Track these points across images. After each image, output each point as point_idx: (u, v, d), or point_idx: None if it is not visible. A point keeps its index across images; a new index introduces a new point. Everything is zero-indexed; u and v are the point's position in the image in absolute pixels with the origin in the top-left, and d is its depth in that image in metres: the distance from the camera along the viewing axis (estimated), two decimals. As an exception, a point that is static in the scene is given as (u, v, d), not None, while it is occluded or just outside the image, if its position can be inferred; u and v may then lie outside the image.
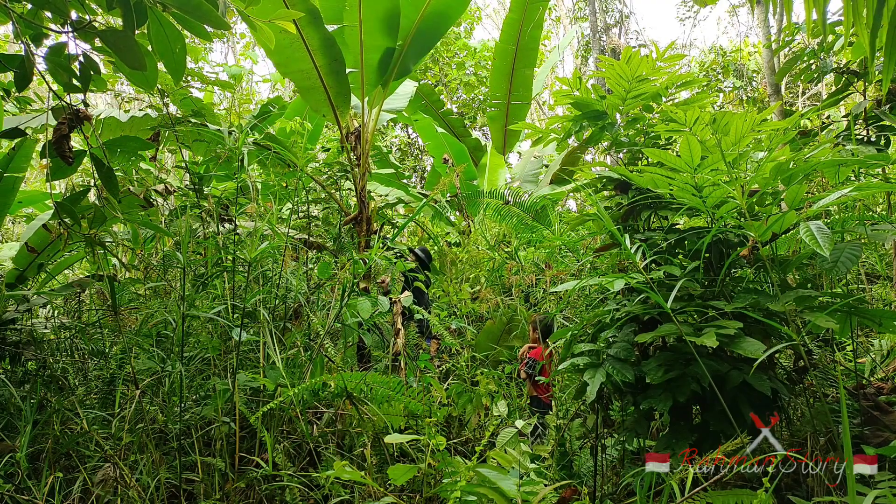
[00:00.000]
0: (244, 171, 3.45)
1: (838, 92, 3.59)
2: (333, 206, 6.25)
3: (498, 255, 6.10)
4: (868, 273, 4.05)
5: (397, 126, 16.25)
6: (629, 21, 14.96)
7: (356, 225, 5.53)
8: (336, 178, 6.10)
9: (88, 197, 2.49)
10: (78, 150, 2.22)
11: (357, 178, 5.57)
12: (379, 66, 5.72)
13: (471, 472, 1.72)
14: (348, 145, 5.58)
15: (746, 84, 13.23)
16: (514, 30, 8.55)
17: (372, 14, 5.29)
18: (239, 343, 2.78)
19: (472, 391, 3.19)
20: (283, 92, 15.47)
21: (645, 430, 2.51)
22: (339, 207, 5.91)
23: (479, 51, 14.14)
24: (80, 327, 3.50)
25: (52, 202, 2.42)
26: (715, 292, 2.30)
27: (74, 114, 2.08)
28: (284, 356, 3.09)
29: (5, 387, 2.79)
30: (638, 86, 2.69)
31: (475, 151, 9.90)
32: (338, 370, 3.23)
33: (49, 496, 2.31)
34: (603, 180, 2.86)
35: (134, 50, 1.87)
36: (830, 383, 2.60)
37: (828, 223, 2.26)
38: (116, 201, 2.30)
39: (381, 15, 5.31)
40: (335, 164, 6.04)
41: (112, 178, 2.23)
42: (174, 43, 1.99)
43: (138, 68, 1.92)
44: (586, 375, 2.31)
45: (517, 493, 1.68)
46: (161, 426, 2.75)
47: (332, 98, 5.59)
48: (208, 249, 3.48)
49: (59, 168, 2.22)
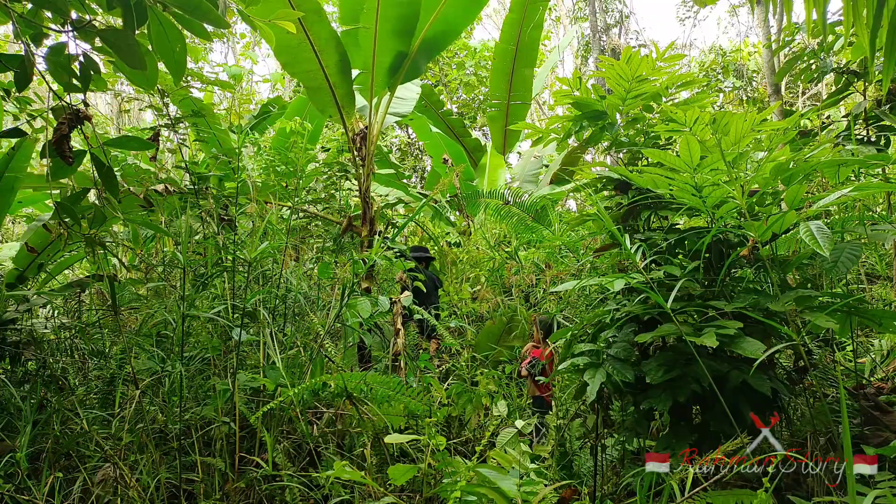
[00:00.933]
0: (244, 170, 3.45)
1: (838, 92, 3.59)
2: (334, 206, 6.25)
3: (498, 255, 6.10)
4: (868, 273, 4.05)
5: (397, 126, 16.26)
6: (629, 21, 14.96)
7: (361, 224, 5.53)
8: (336, 178, 6.10)
9: (88, 197, 2.49)
10: (78, 150, 2.21)
11: (362, 178, 5.58)
12: (390, 68, 5.75)
13: (471, 473, 1.72)
14: (353, 146, 5.59)
15: (746, 84, 13.23)
16: (514, 30, 8.55)
17: (389, 17, 5.31)
18: (239, 343, 2.78)
19: (472, 391, 3.19)
20: (284, 92, 15.47)
21: (645, 430, 2.51)
22: (339, 207, 5.91)
23: (479, 51, 14.14)
24: (79, 327, 3.49)
25: (52, 203, 2.43)
26: (715, 292, 2.30)
27: (75, 113, 2.08)
28: (285, 356, 3.09)
29: (5, 387, 2.79)
30: (638, 86, 2.69)
31: (475, 151, 9.90)
32: (338, 370, 3.23)
33: (49, 496, 2.31)
34: (603, 180, 2.86)
35: (134, 49, 1.87)
36: (830, 383, 2.60)
37: (828, 223, 2.26)
38: (116, 201, 2.30)
39: (398, 19, 5.33)
40: (335, 165, 6.04)
41: (112, 178, 2.23)
42: (174, 42, 1.98)
43: (138, 68, 1.92)
44: (586, 375, 2.31)
45: (517, 493, 1.68)
46: (161, 426, 2.75)
47: (338, 99, 5.61)
48: (208, 249, 3.48)
49: (59, 168, 2.22)
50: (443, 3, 5.50)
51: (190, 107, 4.37)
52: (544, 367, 3.51)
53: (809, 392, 2.44)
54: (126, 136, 2.47)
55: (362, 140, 5.56)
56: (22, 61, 1.93)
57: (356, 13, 5.53)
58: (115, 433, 2.60)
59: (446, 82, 14.34)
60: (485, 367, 3.84)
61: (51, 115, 2.19)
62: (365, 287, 4.87)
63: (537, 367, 3.48)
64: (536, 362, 3.49)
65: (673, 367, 2.18)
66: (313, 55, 5.23)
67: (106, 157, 2.19)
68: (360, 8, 5.43)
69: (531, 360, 3.52)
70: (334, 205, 6.27)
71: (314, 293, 4.22)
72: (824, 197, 2.00)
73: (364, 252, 4.64)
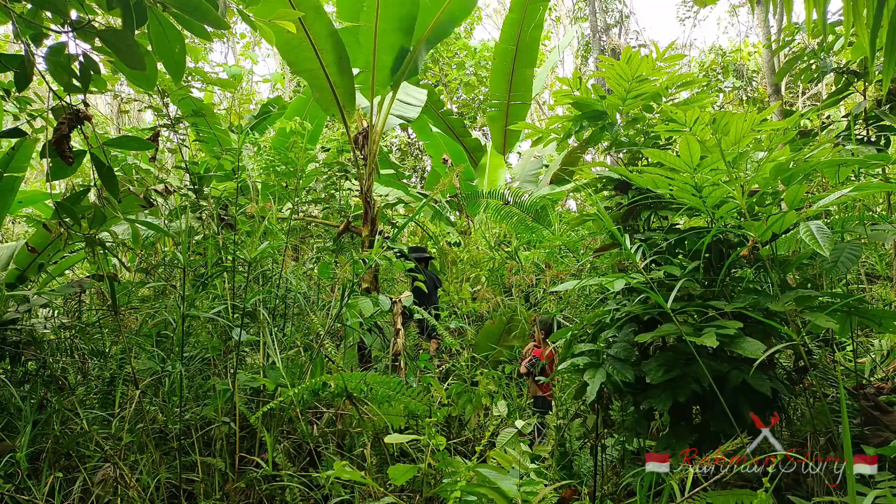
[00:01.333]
0: (244, 170, 3.45)
1: (838, 92, 3.59)
2: (334, 206, 6.25)
3: (498, 255, 6.10)
4: (868, 273, 4.05)
5: (397, 126, 16.26)
6: (629, 21, 14.96)
7: (363, 224, 5.52)
8: (336, 178, 6.09)
9: (88, 197, 2.49)
10: (78, 149, 2.22)
11: (363, 178, 5.57)
12: (392, 66, 5.75)
13: (471, 472, 1.72)
14: (354, 146, 5.59)
15: (746, 84, 13.23)
16: (514, 30, 8.55)
17: (390, 15, 5.32)
18: (239, 343, 2.78)
19: (472, 391, 3.19)
20: (284, 92, 15.47)
21: (645, 430, 2.51)
22: (339, 207, 5.91)
23: (479, 51, 14.14)
24: (80, 327, 3.49)
25: (52, 202, 2.43)
26: (715, 292, 2.30)
27: (75, 114, 2.08)
28: (285, 356, 3.09)
29: (5, 387, 2.79)
30: (638, 86, 2.69)
31: (475, 151, 9.90)
32: (338, 370, 3.23)
33: (49, 496, 2.31)
34: (603, 180, 2.86)
35: (133, 50, 1.87)
36: (830, 383, 2.60)
37: (828, 223, 2.26)
38: (117, 201, 2.30)
39: (399, 16, 5.34)
40: (335, 165, 6.04)
41: (112, 178, 2.23)
42: (174, 43, 1.99)
43: (138, 68, 1.92)
44: (586, 376, 2.31)
45: (517, 493, 1.68)
46: (161, 426, 2.75)
47: (338, 97, 5.62)
48: (208, 249, 3.48)
49: (59, 168, 2.22)
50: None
51: (190, 107, 4.37)
52: (544, 367, 3.51)
53: (809, 392, 2.44)
54: (126, 136, 2.47)
55: (364, 139, 5.56)
56: (22, 61, 1.93)
57: (355, 12, 5.53)
58: (115, 433, 2.60)
59: (446, 82, 14.34)
60: (485, 367, 3.84)
61: (51, 115, 2.19)
62: (365, 287, 4.87)
63: (538, 366, 3.47)
64: (536, 361, 3.49)
65: (673, 367, 2.18)
66: (314, 54, 5.24)
67: (106, 157, 2.19)
68: (359, 7, 5.44)
69: (531, 360, 3.51)
70: (334, 205, 6.27)
71: (314, 293, 4.22)
72: (824, 197, 2.00)
73: (365, 252, 4.64)
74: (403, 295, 3.87)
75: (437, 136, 9.39)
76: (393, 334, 3.64)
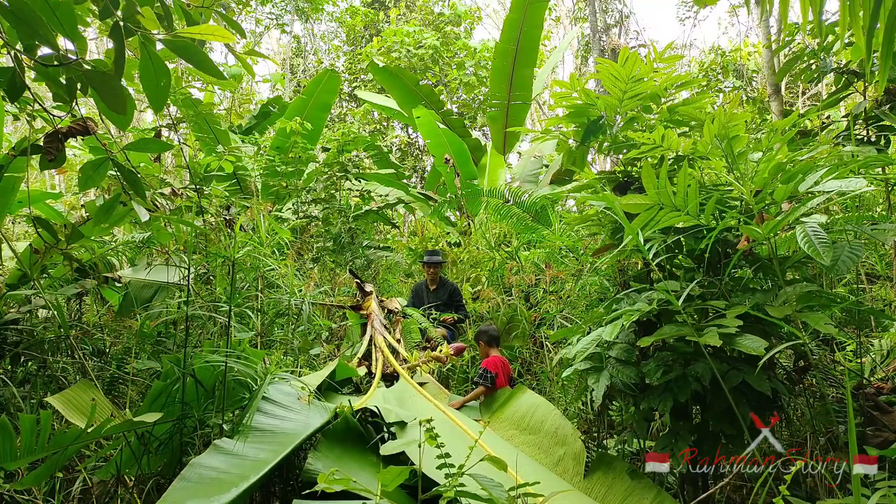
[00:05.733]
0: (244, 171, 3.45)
1: (838, 92, 3.59)
2: (334, 206, 6.25)
3: (498, 255, 6.10)
4: (868, 273, 4.04)
5: (397, 126, 16.25)
6: (629, 21, 14.94)
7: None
8: (336, 177, 6.09)
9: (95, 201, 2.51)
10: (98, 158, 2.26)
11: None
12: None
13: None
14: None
15: (746, 84, 13.22)
16: (514, 30, 8.55)
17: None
18: (239, 343, 2.78)
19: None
20: (284, 92, 15.47)
21: (645, 431, 2.51)
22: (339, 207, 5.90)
23: (479, 51, 14.12)
24: (79, 328, 3.49)
25: (31, 216, 2.50)
26: (715, 292, 2.30)
27: (83, 126, 2.12)
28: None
29: (5, 387, 2.79)
30: (634, 86, 2.68)
31: (475, 151, 9.90)
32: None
33: (49, 496, 2.31)
34: (602, 180, 2.86)
35: (118, 94, 1.90)
36: (830, 383, 2.60)
37: (828, 223, 2.26)
38: (143, 201, 2.36)
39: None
40: (335, 165, 6.04)
41: (137, 181, 2.29)
42: (160, 77, 2.01)
43: (120, 112, 1.95)
44: (590, 380, 2.32)
45: (516, 492, 1.68)
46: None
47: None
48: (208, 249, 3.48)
49: (42, 160, 2.25)
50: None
51: (190, 107, 4.38)
52: (496, 377, 3.48)
53: (809, 392, 2.44)
54: (144, 140, 2.49)
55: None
56: (13, 72, 1.94)
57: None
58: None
59: (446, 82, 14.33)
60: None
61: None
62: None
63: (488, 377, 3.45)
64: (486, 372, 3.47)
65: (672, 368, 2.18)
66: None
67: (128, 160, 2.24)
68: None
69: (481, 372, 3.50)
70: (334, 205, 6.28)
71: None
72: (816, 197, 2.00)
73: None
74: (396, 300, 3.91)
75: (440, 133, 9.33)
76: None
